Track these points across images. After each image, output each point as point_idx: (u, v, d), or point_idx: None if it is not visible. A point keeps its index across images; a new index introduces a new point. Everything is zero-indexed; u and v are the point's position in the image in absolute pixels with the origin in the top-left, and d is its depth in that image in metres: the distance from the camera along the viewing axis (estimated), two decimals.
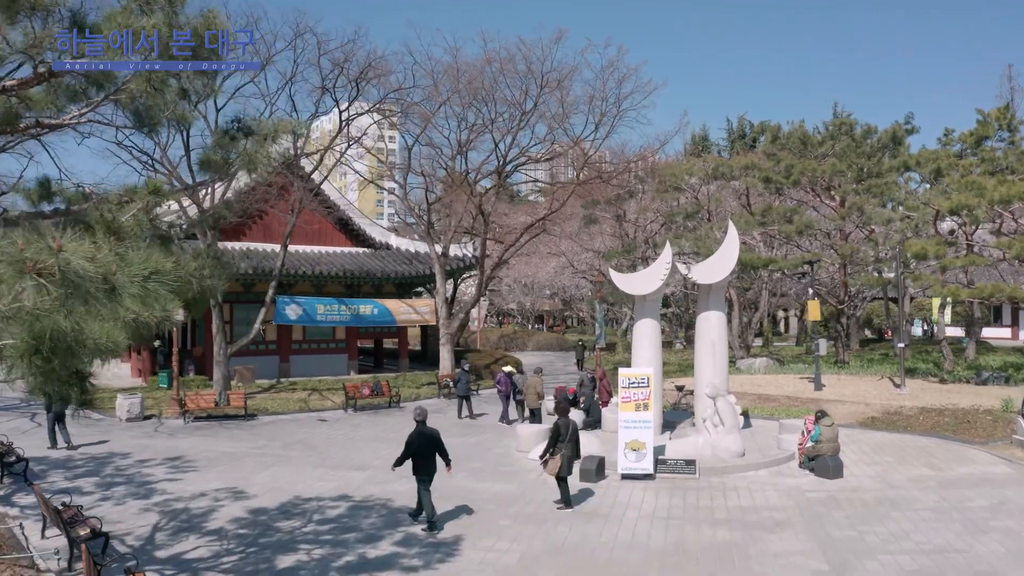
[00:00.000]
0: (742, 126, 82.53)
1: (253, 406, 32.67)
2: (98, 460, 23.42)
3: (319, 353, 45.64)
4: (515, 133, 38.88)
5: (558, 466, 17.21)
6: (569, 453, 17.33)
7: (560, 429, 17.41)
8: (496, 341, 71.47)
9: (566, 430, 17.41)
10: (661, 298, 26.17)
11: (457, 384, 31.88)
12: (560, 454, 17.20)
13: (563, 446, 17.27)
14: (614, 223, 52.82)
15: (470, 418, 31.07)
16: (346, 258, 45.34)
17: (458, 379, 32.01)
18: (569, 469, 17.50)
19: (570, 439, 17.41)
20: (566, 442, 17.32)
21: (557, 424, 17.56)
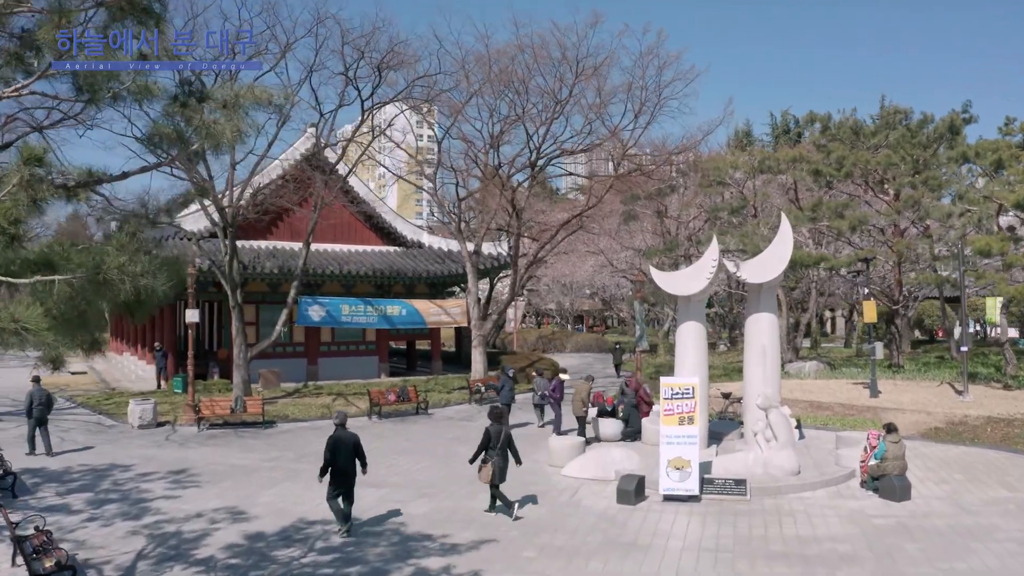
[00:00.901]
0: (786, 121, 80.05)
1: (273, 412, 30.95)
2: (97, 473, 21.73)
3: (349, 355, 43.99)
4: (549, 124, 36.86)
5: (491, 474, 16.83)
6: (502, 462, 17.03)
7: (491, 435, 17.00)
8: (533, 342, 69.44)
9: (497, 437, 17.02)
10: (707, 299, 24.03)
11: (500, 392, 29.49)
12: (491, 461, 16.87)
13: (494, 453, 16.92)
14: (655, 219, 50.65)
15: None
16: (376, 257, 43.64)
17: (501, 386, 29.64)
18: (502, 477, 17.13)
19: (502, 446, 17.07)
20: (497, 449, 16.96)
21: (488, 430, 17.14)
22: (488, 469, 16.87)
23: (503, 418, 17.76)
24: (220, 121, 9.15)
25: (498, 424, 17.28)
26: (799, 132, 73.28)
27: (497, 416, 17.52)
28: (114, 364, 54.20)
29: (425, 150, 45.12)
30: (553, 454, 22.16)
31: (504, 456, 17.16)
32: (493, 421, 17.37)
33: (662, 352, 59.83)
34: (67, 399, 35.47)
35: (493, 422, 17.34)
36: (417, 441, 26.24)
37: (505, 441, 17.18)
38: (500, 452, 17.03)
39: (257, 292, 40.59)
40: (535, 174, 38.58)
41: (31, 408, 24.31)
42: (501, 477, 17.10)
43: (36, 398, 24.47)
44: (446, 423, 30.38)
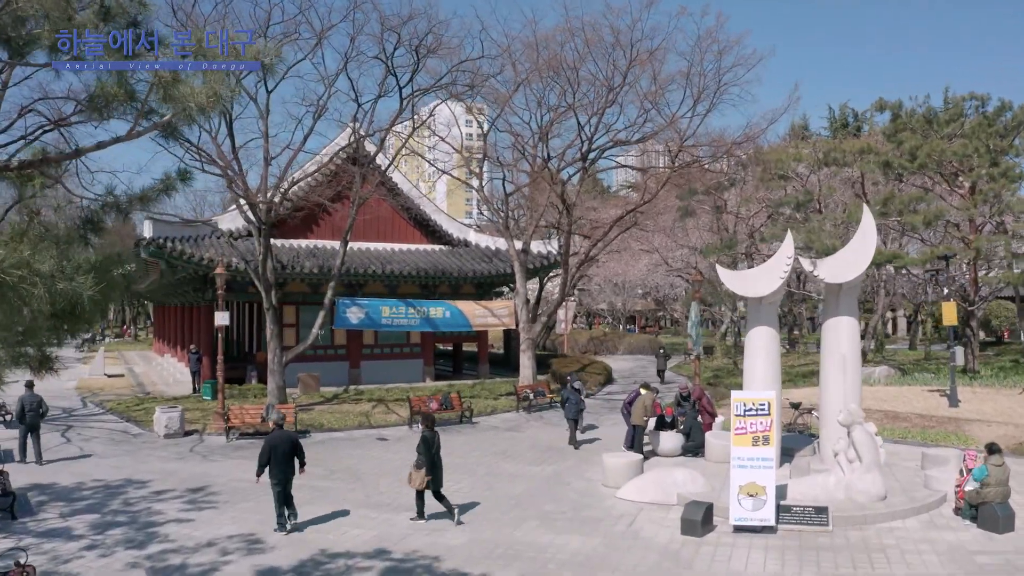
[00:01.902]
0: (844, 114, 76.96)
1: (308, 420, 29.10)
2: (109, 490, 19.95)
3: (392, 358, 42.23)
4: (601, 112, 34.53)
5: (424, 480, 16.66)
6: (439, 469, 17.00)
7: (430, 443, 16.81)
8: (585, 344, 67.18)
9: (432, 442, 16.88)
10: (780, 301, 21.70)
11: (564, 405, 26.57)
12: (425, 468, 16.70)
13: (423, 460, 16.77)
14: (712, 216, 48.19)
15: (574, 447, 25.55)
16: (420, 256, 41.80)
17: (565, 399, 26.57)
18: (439, 481, 16.98)
19: (437, 451, 16.99)
20: (435, 455, 16.85)
21: (425, 438, 16.85)
22: (420, 475, 16.67)
23: (435, 425, 17.57)
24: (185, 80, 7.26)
25: (432, 431, 17.04)
26: (858, 126, 70.34)
27: (431, 423, 17.33)
28: (154, 366, 52.96)
29: (474, 149, 42.96)
30: (608, 473, 19.96)
31: (440, 461, 17.07)
32: (427, 427, 17.11)
33: (719, 355, 57.42)
34: (97, 404, 33.99)
35: (427, 428, 17.07)
36: (458, 455, 24.18)
37: (439, 446, 17.04)
38: (437, 456, 16.90)
39: (297, 293, 38.99)
40: (587, 167, 36.21)
41: (23, 414, 23.21)
42: (438, 482, 16.92)
43: (28, 404, 23.21)
44: (491, 434, 28.29)
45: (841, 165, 40.43)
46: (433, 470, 16.76)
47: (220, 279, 28.46)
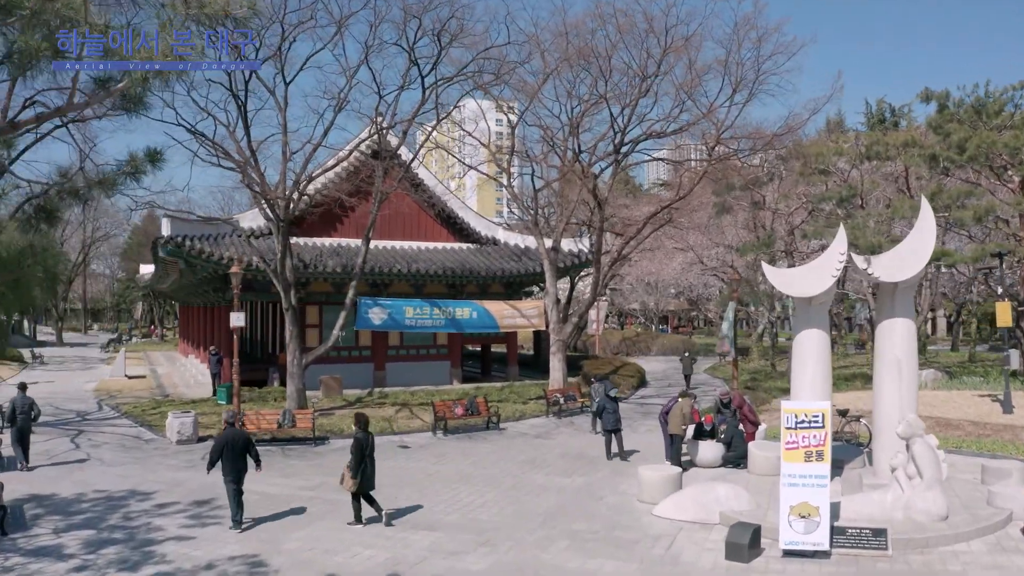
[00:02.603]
0: (881, 109, 74.97)
1: (327, 426, 27.82)
2: (111, 502, 18.72)
3: (418, 360, 40.93)
4: (635, 103, 32.93)
5: (356, 483, 16.45)
6: (370, 469, 16.71)
7: (363, 445, 16.60)
8: (616, 345, 65.61)
9: (370, 446, 16.77)
10: (831, 301, 20.11)
11: (601, 415, 24.29)
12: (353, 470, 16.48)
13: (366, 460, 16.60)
14: (749, 212, 46.47)
15: (621, 458, 23.53)
16: (447, 254, 40.48)
17: (601, 408, 24.24)
18: (371, 483, 16.81)
19: (370, 453, 16.76)
20: (368, 457, 16.63)
21: (358, 439, 16.65)
22: (354, 478, 16.44)
23: (368, 426, 17.21)
24: None
25: (365, 432, 16.82)
26: (895, 121, 68.34)
27: (365, 424, 17.03)
28: (178, 367, 52.01)
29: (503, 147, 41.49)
30: (644, 487, 18.44)
31: (373, 463, 16.80)
32: (360, 429, 16.87)
33: (755, 356, 55.73)
34: (112, 407, 32.91)
35: (360, 430, 16.84)
36: (483, 465, 22.78)
37: (372, 448, 16.86)
38: (370, 459, 16.63)
39: (320, 293, 37.82)
40: (619, 160, 34.64)
41: (13, 416, 22.34)
42: (371, 484, 16.73)
43: (19, 407, 22.27)
44: (519, 441, 26.85)
45: (884, 159, 38.67)
46: (364, 472, 16.50)
47: (235, 278, 27.26)
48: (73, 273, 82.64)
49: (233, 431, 17.05)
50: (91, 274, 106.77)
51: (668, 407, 22.58)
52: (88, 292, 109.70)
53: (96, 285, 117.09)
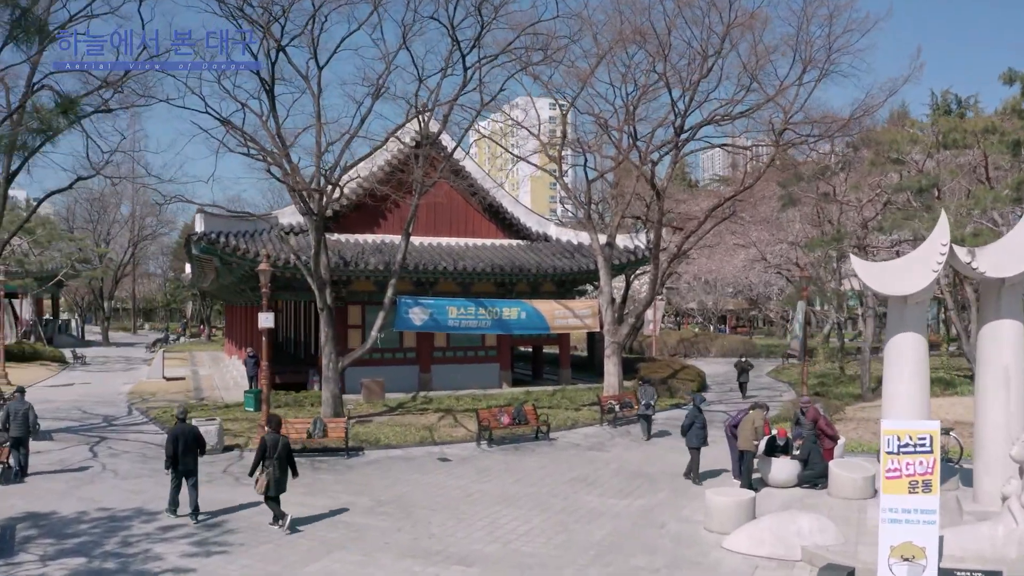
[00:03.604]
0: (947, 100, 71.74)
1: (364, 434, 25.78)
2: (112, 522, 16.75)
3: (466, 362, 38.86)
4: (696, 84, 30.38)
5: (264, 485, 16.11)
6: (278, 473, 16.19)
7: (267, 445, 16.22)
8: (674, 346, 62.98)
9: (274, 447, 16.22)
10: (928, 300, 17.58)
11: (689, 431, 20.76)
12: (267, 472, 16.10)
13: (271, 463, 16.09)
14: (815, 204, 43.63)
15: (695, 481, 20.60)
16: (495, 251, 38.34)
17: (691, 423, 20.73)
18: (279, 487, 16.31)
19: (279, 456, 16.21)
20: (274, 459, 16.11)
21: (263, 439, 16.43)
22: (263, 480, 16.12)
23: (281, 427, 16.87)
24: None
25: (274, 434, 16.41)
26: (962, 112, 65.08)
27: (277, 425, 16.71)
28: (221, 368, 50.49)
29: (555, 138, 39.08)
30: (712, 514, 16.04)
31: (282, 467, 16.31)
32: (271, 430, 16.56)
33: (821, 358, 52.85)
34: (142, 412, 31.20)
35: (271, 431, 16.52)
36: (530, 483, 20.51)
37: (283, 451, 16.32)
38: (277, 462, 16.15)
39: (363, 292, 35.95)
40: (679, 146, 32.04)
41: (6, 423, 20.65)
42: (278, 488, 16.28)
43: (13, 413, 20.69)
44: (570, 453, 24.52)
45: (961, 147, 35.84)
46: (270, 475, 16.10)
47: (264, 276, 25.31)
48: (120, 272, 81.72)
49: (184, 426, 17.61)
50: (143, 274, 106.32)
51: (736, 419, 20.21)
52: (140, 292, 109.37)
53: (149, 285, 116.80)
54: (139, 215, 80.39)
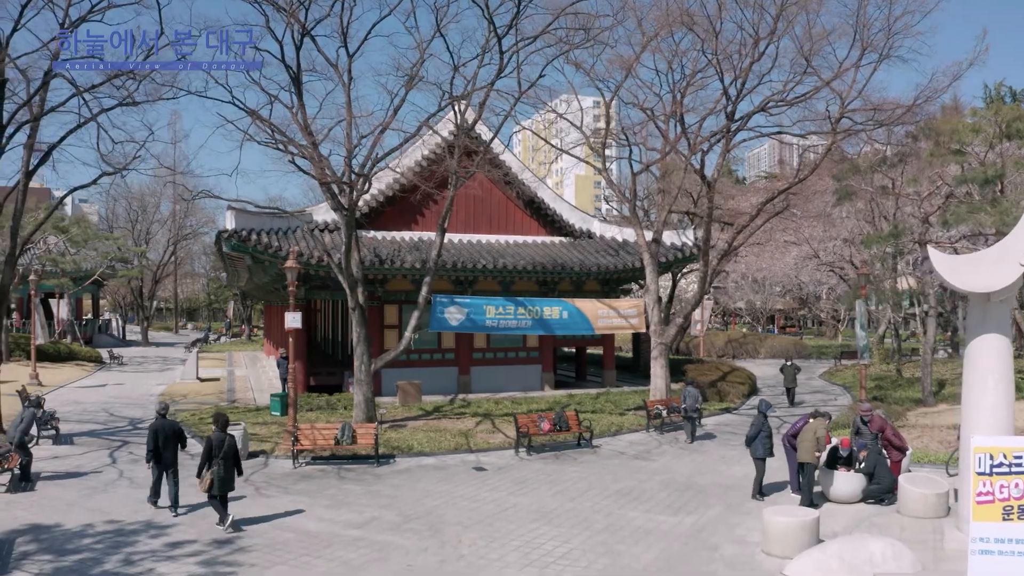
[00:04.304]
0: (1000, 93, 69.67)
1: (396, 441, 24.43)
2: (119, 537, 15.51)
3: (507, 364, 37.50)
4: (748, 69, 28.64)
5: (208, 483, 16.04)
6: (223, 472, 16.10)
7: (212, 444, 16.17)
8: (722, 347, 61.06)
9: (219, 446, 16.16)
10: (1014, 298, 15.87)
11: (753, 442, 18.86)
12: (212, 471, 16.05)
13: (217, 462, 16.05)
14: (869, 200, 41.62)
15: (757, 495, 18.78)
16: (537, 249, 36.91)
17: (756, 432, 18.78)
18: (224, 486, 16.18)
19: (224, 455, 16.13)
20: (219, 458, 16.07)
21: (209, 439, 16.37)
22: (207, 478, 16.05)
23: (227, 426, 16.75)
24: None
25: (220, 432, 16.36)
26: (1017, 105, 62.88)
27: (224, 424, 16.62)
28: (258, 368, 49.54)
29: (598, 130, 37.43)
30: (771, 536, 14.45)
31: (227, 466, 16.21)
32: (217, 429, 16.49)
33: (876, 360, 50.79)
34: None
35: (217, 430, 16.47)
36: (570, 496, 19.01)
37: (229, 450, 16.26)
38: (223, 461, 16.09)
39: (399, 291, 34.77)
40: (730, 133, 30.26)
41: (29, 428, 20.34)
42: (224, 487, 16.14)
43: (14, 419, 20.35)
44: (614, 463, 22.92)
45: None
46: (217, 474, 16.00)
47: (291, 273, 24.13)
48: (159, 272, 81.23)
49: (164, 421, 17.81)
50: (186, 273, 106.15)
51: (796, 428, 18.58)
52: (183, 292, 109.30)
53: (192, 285, 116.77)
54: (179, 214, 79.87)
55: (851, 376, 44.00)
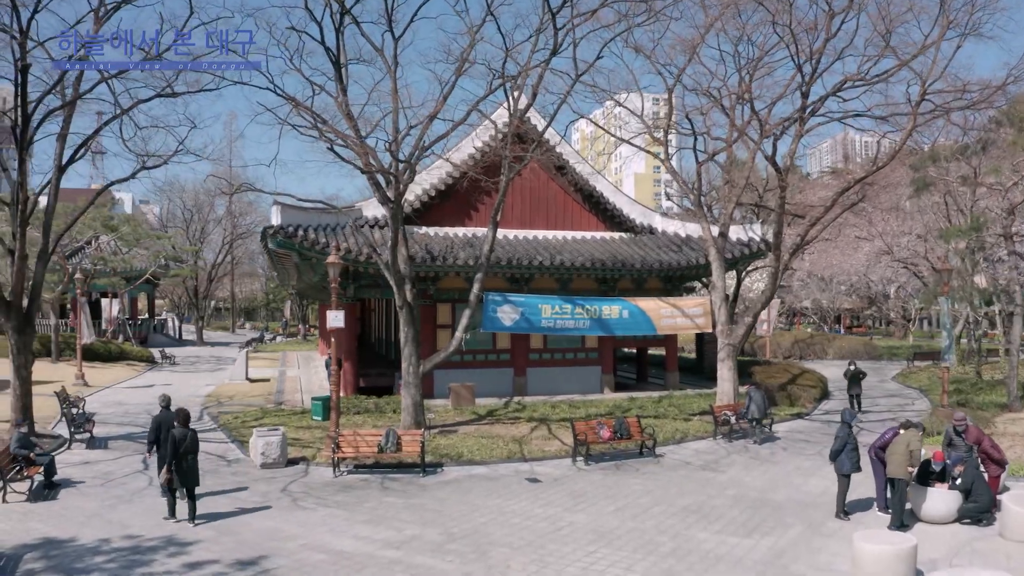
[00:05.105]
0: None
1: (445, 447, 22.94)
2: (135, 555, 14.18)
3: (564, 365, 35.98)
4: (821, 49, 26.55)
5: (167, 477, 16.18)
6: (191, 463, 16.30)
7: (176, 441, 16.10)
8: (788, 348, 58.65)
9: (182, 441, 16.15)
10: None
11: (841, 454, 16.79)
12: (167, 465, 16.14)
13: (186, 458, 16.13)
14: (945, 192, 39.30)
15: (843, 516, 16.78)
16: (596, 245, 35.29)
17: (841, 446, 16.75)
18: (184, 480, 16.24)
19: (185, 451, 16.19)
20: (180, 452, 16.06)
21: (173, 435, 16.23)
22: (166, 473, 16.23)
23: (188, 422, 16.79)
24: None
25: (183, 428, 16.45)
26: None
27: (185, 420, 16.70)
28: (311, 368, 48.44)
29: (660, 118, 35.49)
30: (863, 565, 12.55)
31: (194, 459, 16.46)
32: (179, 424, 16.58)
33: (954, 362, 48.22)
34: (213, 417, 28.96)
35: (179, 425, 16.54)
36: (632, 512, 17.29)
37: (191, 445, 16.41)
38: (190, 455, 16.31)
39: (453, 289, 33.39)
40: (806, 117, 28.09)
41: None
42: (184, 481, 16.26)
43: None
44: (679, 475, 21.13)
45: None
46: (178, 469, 16.13)
47: (333, 270, 22.82)
48: (214, 272, 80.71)
49: (168, 412, 17.96)
50: (245, 273, 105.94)
51: (885, 440, 16.69)
52: (241, 291, 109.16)
53: (252, 284, 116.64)
54: (235, 212, 79.38)
55: (926, 378, 41.65)
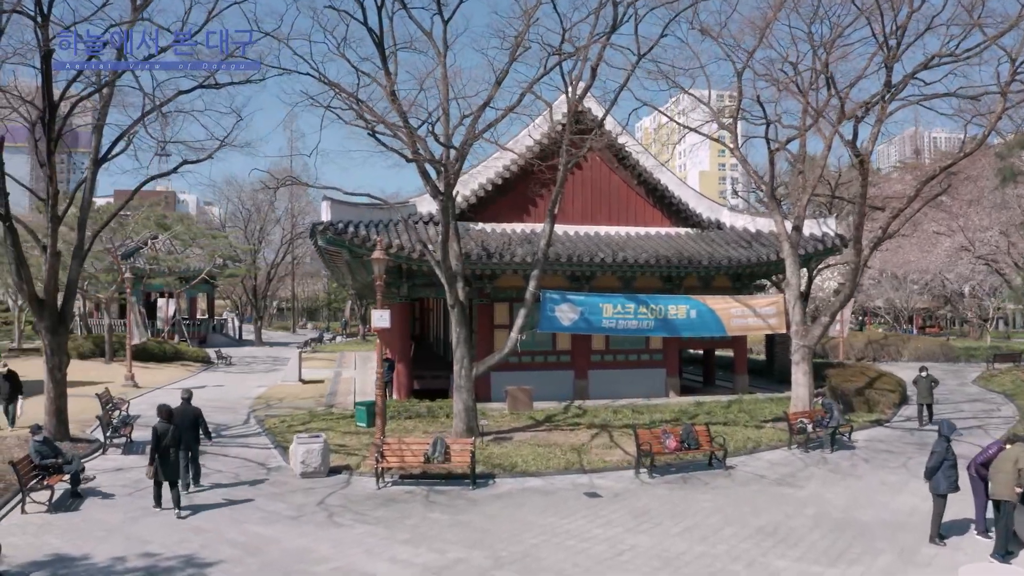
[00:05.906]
0: None
1: (498, 456, 21.39)
2: None
3: (627, 367, 34.33)
4: (906, 22, 24.44)
5: (153, 471, 16.60)
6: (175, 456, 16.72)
7: (158, 435, 16.51)
8: (861, 349, 56.00)
9: (164, 436, 16.52)
10: None
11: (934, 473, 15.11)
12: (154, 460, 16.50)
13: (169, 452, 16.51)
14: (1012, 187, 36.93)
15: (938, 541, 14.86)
16: (660, 241, 33.56)
17: (938, 462, 14.99)
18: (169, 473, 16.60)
19: (167, 445, 16.49)
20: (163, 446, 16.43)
21: (155, 429, 16.62)
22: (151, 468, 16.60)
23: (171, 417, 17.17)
24: None
25: (165, 423, 16.76)
26: None
27: (167, 415, 17.03)
28: (368, 370, 47.07)
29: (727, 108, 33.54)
30: None
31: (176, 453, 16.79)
32: (162, 419, 16.85)
33: None
34: (259, 421, 27.77)
35: (161, 421, 16.81)
36: (701, 534, 15.51)
37: (172, 440, 16.61)
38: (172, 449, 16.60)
39: (510, 288, 31.91)
40: (891, 96, 25.90)
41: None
42: (168, 474, 16.56)
43: None
44: (753, 489, 19.28)
45: None
46: (163, 463, 16.47)
47: (378, 266, 21.44)
48: (274, 271, 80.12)
49: (186, 406, 18.80)
50: (307, 273, 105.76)
51: (988, 455, 14.76)
52: (303, 291, 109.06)
53: (314, 284, 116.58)
54: (295, 212, 78.79)
55: (1010, 381, 39.13)
